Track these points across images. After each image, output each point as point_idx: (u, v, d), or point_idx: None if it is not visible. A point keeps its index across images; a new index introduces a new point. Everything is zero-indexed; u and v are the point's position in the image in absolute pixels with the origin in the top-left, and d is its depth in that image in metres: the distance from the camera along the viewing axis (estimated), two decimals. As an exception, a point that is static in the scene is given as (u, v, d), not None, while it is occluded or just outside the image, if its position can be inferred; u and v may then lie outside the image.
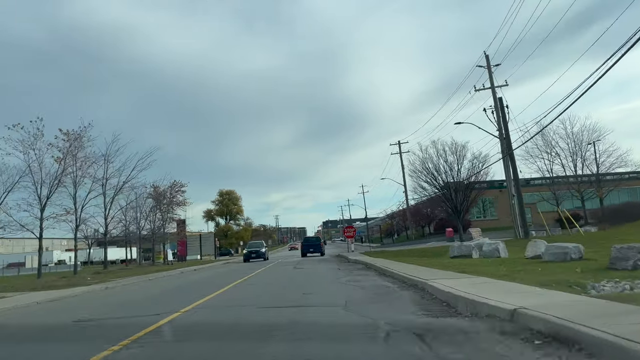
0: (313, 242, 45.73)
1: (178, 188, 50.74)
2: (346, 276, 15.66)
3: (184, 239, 52.07)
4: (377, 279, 14.03)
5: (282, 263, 30.28)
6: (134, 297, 13.33)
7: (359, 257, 27.71)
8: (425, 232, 63.42)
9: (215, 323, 7.48)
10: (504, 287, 7.87)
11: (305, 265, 24.97)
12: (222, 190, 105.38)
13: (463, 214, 35.89)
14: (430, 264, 16.11)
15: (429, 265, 15.75)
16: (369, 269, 18.84)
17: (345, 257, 32.00)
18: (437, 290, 8.56)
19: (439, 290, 8.47)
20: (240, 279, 17.32)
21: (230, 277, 18.83)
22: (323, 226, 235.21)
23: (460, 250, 20.38)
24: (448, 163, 35.30)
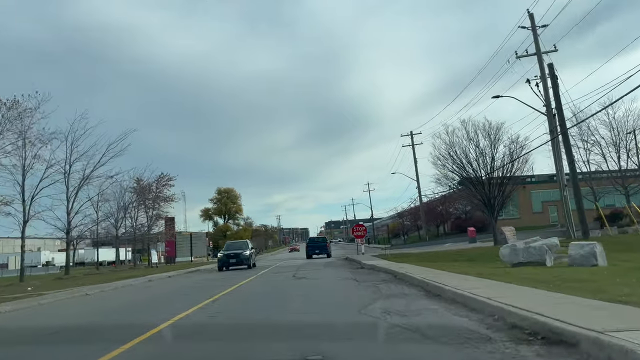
0: (319, 242, 41.67)
1: (165, 182, 44.97)
2: (374, 298, 9.65)
3: (171, 238, 46.21)
4: (434, 306, 8.05)
5: (279, 269, 23.97)
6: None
7: (375, 262, 21.77)
8: (439, 232, 57.37)
9: None
10: None
11: (309, 274, 18.99)
12: (220, 188, 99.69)
13: (498, 210, 29.80)
14: (509, 277, 10.15)
15: (507, 279, 9.83)
16: (400, 281, 12.83)
17: (357, 261, 26.07)
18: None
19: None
20: (198, 304, 10.09)
21: (189, 299, 11.63)
22: (326, 227, 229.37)
23: (525, 255, 14.44)
24: (480, 148, 29.20)
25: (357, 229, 36.11)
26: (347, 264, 26.26)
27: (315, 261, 33.72)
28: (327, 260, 35.10)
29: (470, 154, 29.24)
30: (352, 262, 26.82)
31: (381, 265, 19.18)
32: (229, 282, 16.47)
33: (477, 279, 10.75)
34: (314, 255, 38.93)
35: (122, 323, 8.54)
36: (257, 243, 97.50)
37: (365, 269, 20.33)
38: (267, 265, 29.58)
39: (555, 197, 58.57)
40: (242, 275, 20.77)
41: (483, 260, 19.18)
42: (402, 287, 11.19)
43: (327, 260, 35.05)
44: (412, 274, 12.65)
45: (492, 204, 29.25)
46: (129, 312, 10.68)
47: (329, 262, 30.68)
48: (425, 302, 8.52)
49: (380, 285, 11.91)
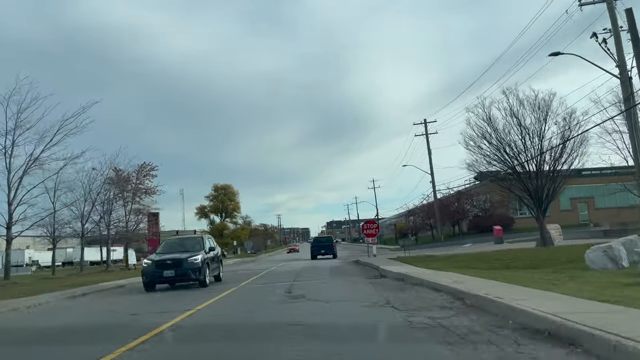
0: (324, 242, 38.88)
1: (147, 172, 39.14)
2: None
3: (153, 237, 40.34)
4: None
5: (269, 279, 17.81)
6: None
7: (400, 269, 16.00)
8: (455, 232, 51.42)
9: None
10: None
11: (311, 288, 13.09)
12: (217, 185, 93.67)
13: (547, 205, 23.80)
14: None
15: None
16: (485, 314, 6.85)
17: (372, 265, 20.29)
18: None
19: None
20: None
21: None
22: (327, 226, 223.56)
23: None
24: (524, 126, 23.10)
25: (368, 227, 30.28)
26: (359, 269, 20.41)
27: (319, 264, 27.94)
28: (333, 262, 29.34)
29: (514, 133, 23.18)
30: (366, 267, 21.00)
31: (412, 274, 13.36)
32: (190, 303, 10.47)
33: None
34: (319, 255, 36.21)
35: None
36: (255, 243, 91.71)
37: (389, 279, 14.49)
38: (257, 271, 23.70)
39: (586, 194, 52.66)
40: (191, 296, 12.41)
41: (548, 266, 13.46)
42: (518, 337, 5.21)
43: (332, 262, 29.29)
44: (503, 300, 6.75)
45: (539, 196, 23.26)
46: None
47: (336, 265, 24.88)
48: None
49: (447, 324, 5.98)
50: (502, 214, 47.16)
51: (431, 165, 48.89)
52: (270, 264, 32.42)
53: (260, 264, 33.68)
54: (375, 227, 30.34)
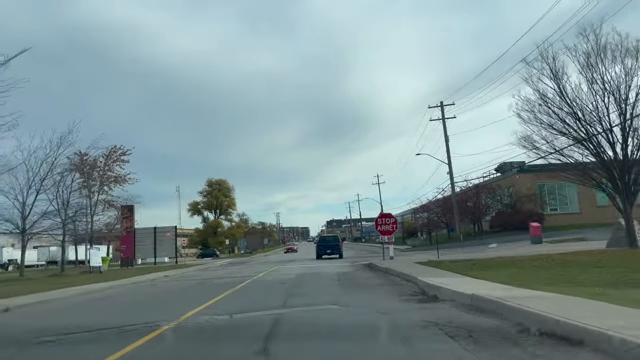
0: (330, 241, 36.53)
1: (117, 157, 32.80)
2: None
3: (123, 232, 33.94)
4: None
5: (246, 296, 11.35)
6: None
7: (455, 283, 9.79)
8: (475, 230, 45.02)
9: None
10: None
11: (315, 328, 6.62)
12: (211, 180, 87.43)
13: (637, 190, 17.21)
14: None
15: None
16: None
17: (397, 272, 14.01)
18: None
19: None
20: None
21: None
22: (327, 225, 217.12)
23: None
24: (609, 86, 16.40)
25: (384, 221, 23.93)
26: (382, 280, 14.04)
27: (322, 267, 21.65)
28: (340, 266, 23.08)
29: (591, 94, 16.60)
30: (389, 276, 14.71)
31: (505, 298, 7.01)
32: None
33: None
34: (324, 255, 34.27)
35: None
36: (251, 242, 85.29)
37: (452, 304, 8.12)
38: (239, 279, 17.27)
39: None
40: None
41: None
42: None
43: (339, 266, 23.03)
44: None
45: (626, 181, 16.78)
46: None
47: (344, 271, 18.55)
48: None
49: None
50: (530, 209, 40.81)
51: (448, 153, 42.53)
52: (261, 267, 26.12)
53: (249, 267, 27.35)
54: (393, 223, 24.02)
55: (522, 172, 43.44)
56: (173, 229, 37.10)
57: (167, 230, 36.72)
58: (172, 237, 36.25)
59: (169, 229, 36.86)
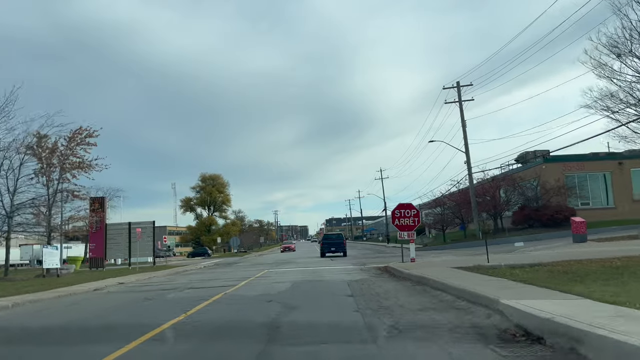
0: (334, 239, 35.61)
1: (81, 139, 27.52)
2: None
3: (91, 227, 28.65)
4: None
5: (195, 339, 5.88)
6: None
7: (604, 318, 4.38)
8: (496, 227, 39.79)
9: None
10: None
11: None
12: (205, 175, 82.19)
13: None
14: None
15: None
16: None
17: (454, 289, 8.80)
18: None
19: None
20: None
21: None
22: (326, 224, 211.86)
23: None
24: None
25: (403, 214, 18.65)
26: (425, 299, 8.74)
27: (325, 274, 16.42)
28: (347, 269, 17.98)
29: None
30: (431, 293, 9.47)
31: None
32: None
33: None
34: (328, 253, 33.65)
35: None
36: (246, 240, 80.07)
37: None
38: (210, 293, 11.99)
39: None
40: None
41: None
42: None
43: (346, 269, 17.92)
44: None
45: None
46: None
47: (356, 278, 13.37)
48: None
49: None
50: (558, 203, 35.63)
51: (466, 140, 37.35)
52: (249, 270, 20.94)
53: (234, 271, 22.15)
54: (414, 215, 18.80)
55: (548, 161, 38.30)
56: (151, 224, 31.85)
57: (143, 225, 31.45)
58: (147, 234, 31.00)
59: (145, 225, 31.63)
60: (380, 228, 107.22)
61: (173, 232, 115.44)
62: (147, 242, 31.67)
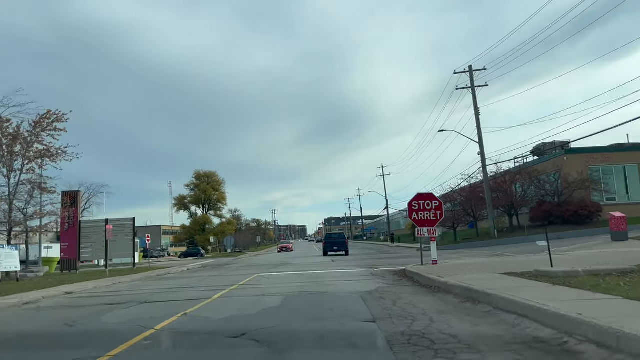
0: (337, 239, 35.49)
1: (48, 124, 23.96)
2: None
3: (66, 225, 25.03)
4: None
5: None
6: None
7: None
8: (512, 224, 36.26)
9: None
10: None
11: None
12: (199, 172, 78.40)
13: None
14: None
15: None
16: None
17: (521, 309, 5.15)
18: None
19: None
20: None
21: None
22: (325, 223, 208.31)
23: None
24: None
25: (422, 206, 15.13)
26: (510, 338, 5.08)
27: (329, 281, 12.87)
28: (354, 274, 14.59)
29: None
30: (504, 321, 5.85)
31: None
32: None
33: None
34: (331, 252, 33.61)
35: None
36: (242, 239, 76.53)
37: None
38: (160, 315, 8.45)
39: None
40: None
41: None
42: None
43: (353, 274, 14.51)
44: None
45: None
46: None
47: (370, 288, 9.88)
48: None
49: None
50: (582, 198, 32.11)
51: (479, 129, 33.76)
52: (237, 275, 17.44)
53: (220, 275, 18.60)
54: (436, 207, 15.25)
55: (570, 152, 34.77)
56: (130, 221, 28.19)
57: (122, 222, 27.78)
58: (125, 232, 27.36)
59: (124, 222, 27.98)
60: (380, 227, 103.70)
61: (168, 232, 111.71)
62: (127, 241, 28.06)
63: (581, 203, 31.74)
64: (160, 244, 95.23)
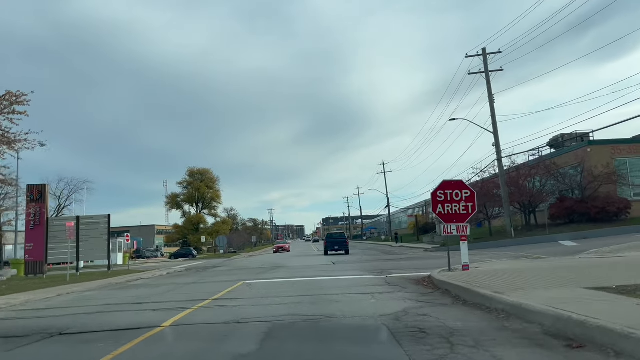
0: (337, 238, 34.62)
1: (6, 105, 20.58)
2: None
3: (32, 223, 21.67)
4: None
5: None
6: None
7: None
8: (528, 222, 32.95)
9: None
10: None
11: None
12: (192, 169, 74.81)
13: None
14: None
15: None
16: None
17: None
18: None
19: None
20: None
21: None
22: (323, 223, 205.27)
23: None
24: None
25: (451, 196, 11.84)
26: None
27: (333, 294, 9.56)
28: (365, 280, 11.45)
29: None
30: None
31: None
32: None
33: None
34: (331, 251, 33.51)
35: None
36: (237, 239, 73.10)
37: None
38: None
39: None
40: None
41: None
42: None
43: (362, 280, 11.32)
44: None
45: None
46: None
47: (393, 309, 6.54)
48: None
49: None
50: (608, 194, 28.88)
51: (494, 118, 30.47)
52: (216, 284, 14.16)
53: (196, 283, 15.28)
54: (468, 198, 11.97)
55: (594, 143, 31.54)
56: (105, 218, 24.79)
57: (97, 223, 24.36)
58: (100, 231, 23.98)
59: (98, 219, 24.59)
60: (380, 227, 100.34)
61: (162, 232, 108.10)
62: (101, 241, 24.68)
63: (608, 199, 28.50)
64: (153, 244, 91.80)
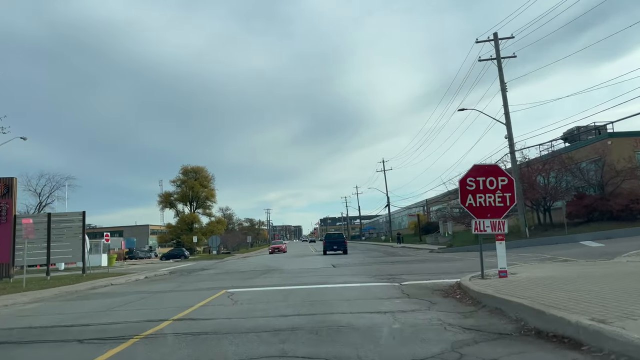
0: (336, 238, 34.62)
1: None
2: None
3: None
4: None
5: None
6: None
7: None
8: (542, 221, 30.47)
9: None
10: None
11: None
12: (186, 167, 72.13)
13: None
14: None
15: None
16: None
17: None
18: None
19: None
20: None
21: None
22: (321, 223, 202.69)
23: None
24: None
25: (482, 184, 9.42)
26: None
27: (341, 309, 6.99)
28: (373, 289, 8.85)
29: None
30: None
31: None
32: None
33: None
34: (330, 251, 33.19)
35: None
36: (231, 239, 70.48)
37: None
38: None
39: None
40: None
41: None
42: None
43: (373, 295, 8.62)
44: None
45: None
46: None
47: (428, 353, 3.91)
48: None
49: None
50: (631, 190, 26.46)
51: (506, 107, 27.99)
52: (195, 293, 11.70)
53: (171, 292, 12.77)
54: (504, 187, 9.53)
55: (615, 136, 29.13)
56: (80, 215, 22.25)
57: (71, 221, 21.79)
58: (74, 231, 21.42)
59: (71, 216, 22.05)
60: (379, 227, 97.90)
61: (156, 232, 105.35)
62: (76, 241, 22.10)
63: (632, 195, 26.08)
64: (147, 244, 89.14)
